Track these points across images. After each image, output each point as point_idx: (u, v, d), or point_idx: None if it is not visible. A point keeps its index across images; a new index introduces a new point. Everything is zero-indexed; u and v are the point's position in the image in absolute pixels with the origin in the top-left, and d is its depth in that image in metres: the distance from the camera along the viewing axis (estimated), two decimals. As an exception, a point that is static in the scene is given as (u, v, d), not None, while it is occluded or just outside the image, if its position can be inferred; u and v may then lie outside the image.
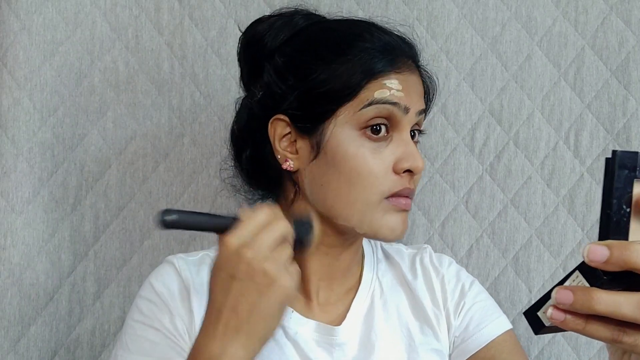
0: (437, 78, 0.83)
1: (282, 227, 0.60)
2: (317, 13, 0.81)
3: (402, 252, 0.86)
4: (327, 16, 0.82)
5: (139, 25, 1.04)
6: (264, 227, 0.59)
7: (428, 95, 0.81)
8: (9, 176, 1.00)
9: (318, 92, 0.72)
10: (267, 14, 0.84)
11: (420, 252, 0.85)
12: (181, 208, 0.60)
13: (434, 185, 1.02)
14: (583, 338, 0.98)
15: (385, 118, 0.72)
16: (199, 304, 0.73)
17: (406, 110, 0.72)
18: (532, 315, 0.47)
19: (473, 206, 1.01)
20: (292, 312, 0.76)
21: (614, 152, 0.44)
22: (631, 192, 0.44)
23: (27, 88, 1.02)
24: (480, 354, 0.78)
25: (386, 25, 0.79)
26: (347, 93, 0.71)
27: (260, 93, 0.77)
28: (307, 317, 0.76)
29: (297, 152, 0.74)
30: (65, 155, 1.02)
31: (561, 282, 0.46)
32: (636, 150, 0.44)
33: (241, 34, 0.83)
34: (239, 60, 0.83)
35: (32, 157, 1.01)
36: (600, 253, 0.42)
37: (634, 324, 0.42)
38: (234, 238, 0.58)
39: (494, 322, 0.79)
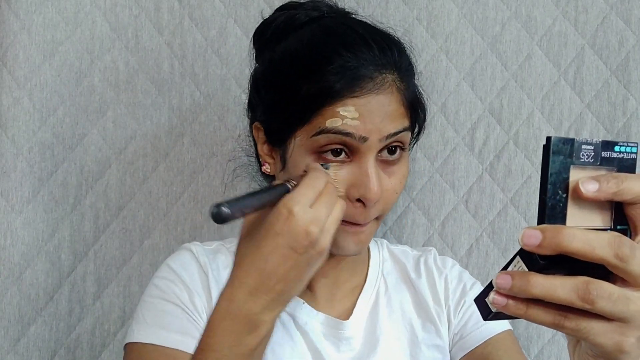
0: (430, 82, 0.79)
1: (334, 195, 0.61)
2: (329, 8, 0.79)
3: (407, 253, 0.88)
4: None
5: (138, 25, 1.04)
6: (320, 197, 0.59)
7: (414, 109, 0.75)
8: (9, 176, 1.00)
9: (280, 109, 0.72)
10: (267, 14, 0.84)
11: (425, 254, 0.87)
12: (232, 196, 0.57)
13: (433, 185, 1.02)
14: (583, 337, 0.98)
15: (341, 144, 0.69)
16: (217, 289, 0.74)
17: (362, 139, 0.67)
18: (481, 302, 0.47)
19: (473, 206, 1.01)
20: (304, 303, 0.78)
21: (548, 138, 0.44)
22: (567, 178, 0.44)
23: (27, 88, 1.02)
24: (477, 350, 0.79)
25: (379, 23, 0.76)
26: (300, 117, 0.69)
27: (247, 95, 0.80)
28: (316, 309, 0.78)
29: (273, 159, 0.76)
30: (65, 155, 1.02)
31: (505, 268, 0.46)
32: (573, 137, 0.45)
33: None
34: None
35: (32, 157, 1.01)
36: (534, 237, 0.42)
37: (577, 309, 0.42)
38: (303, 211, 0.57)
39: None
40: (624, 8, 1.01)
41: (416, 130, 0.79)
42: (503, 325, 0.81)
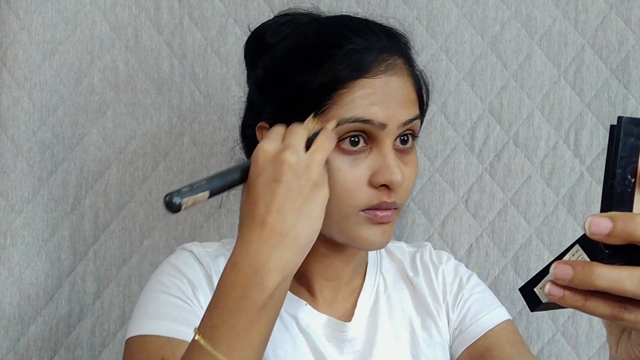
0: (430, 81, 0.80)
1: (302, 131, 0.61)
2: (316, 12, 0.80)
3: (403, 250, 0.88)
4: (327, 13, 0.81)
5: (138, 25, 1.04)
6: (289, 134, 0.60)
7: (422, 98, 0.76)
8: (9, 176, 1.00)
9: (291, 104, 0.71)
10: (267, 14, 0.84)
11: (420, 250, 0.87)
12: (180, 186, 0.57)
13: (433, 185, 1.02)
14: (583, 337, 0.98)
15: (361, 131, 0.68)
16: None
17: (382, 126, 0.67)
18: (528, 292, 0.45)
19: (473, 205, 1.01)
20: (306, 304, 0.77)
21: (619, 118, 0.41)
22: (637, 161, 0.41)
23: (26, 87, 1.01)
24: (478, 343, 0.78)
25: (379, 20, 0.76)
26: (316, 107, 0.68)
27: (247, 100, 0.79)
28: (318, 311, 0.77)
29: None
30: (64, 155, 1.02)
31: (560, 257, 0.43)
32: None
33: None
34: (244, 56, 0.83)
35: (31, 157, 1.01)
36: (603, 225, 0.39)
37: (636, 300, 0.41)
38: (270, 144, 0.58)
39: (490, 312, 0.80)
40: (624, 8, 1.01)
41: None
42: (502, 315, 0.80)
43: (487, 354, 0.76)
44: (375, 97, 0.68)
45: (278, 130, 0.63)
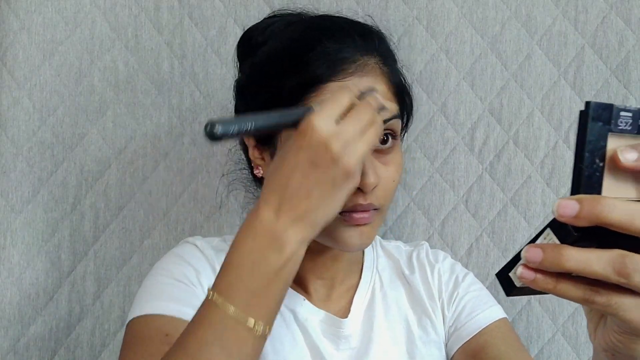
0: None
1: (369, 114, 0.58)
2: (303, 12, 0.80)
3: (400, 248, 0.88)
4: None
5: (138, 25, 1.04)
6: (349, 113, 0.57)
7: (401, 96, 0.75)
8: (9, 176, 1.00)
9: (267, 108, 0.71)
10: (267, 13, 0.84)
11: (417, 249, 0.87)
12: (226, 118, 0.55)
13: (433, 185, 1.02)
14: (583, 337, 0.98)
15: None
16: None
17: None
18: (504, 277, 0.45)
19: (473, 205, 1.01)
20: (304, 299, 0.78)
21: (587, 103, 0.41)
22: (605, 145, 0.41)
23: (26, 87, 1.01)
24: (473, 340, 0.78)
25: (357, 18, 0.76)
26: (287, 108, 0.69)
27: (234, 102, 0.80)
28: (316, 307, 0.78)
29: (264, 160, 0.76)
30: (64, 155, 1.02)
31: (533, 241, 0.43)
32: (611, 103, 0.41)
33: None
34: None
35: (31, 157, 1.01)
36: (570, 207, 0.40)
37: (607, 283, 0.41)
38: (325, 123, 0.55)
39: (485, 310, 0.80)
40: (624, 8, 1.01)
41: (405, 118, 0.79)
42: (498, 313, 0.80)
43: (481, 351, 0.76)
44: None
45: (339, 103, 0.57)
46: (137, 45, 1.04)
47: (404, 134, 0.80)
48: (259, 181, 0.83)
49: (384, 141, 0.71)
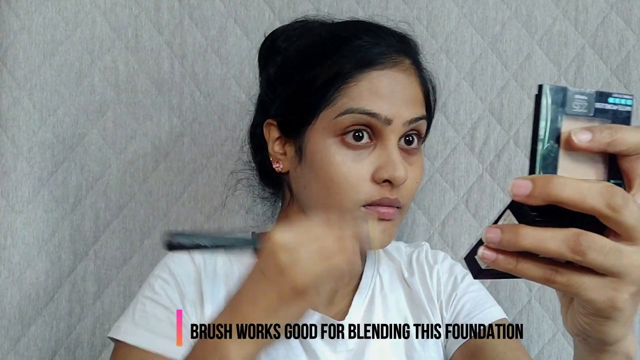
0: (437, 78, 0.82)
1: (340, 243, 0.57)
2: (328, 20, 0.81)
3: (400, 250, 0.88)
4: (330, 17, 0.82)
5: (138, 25, 1.04)
6: (317, 235, 0.57)
7: (429, 100, 0.78)
8: (9, 176, 1.00)
9: (299, 99, 0.73)
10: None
11: (417, 250, 0.87)
12: (186, 229, 0.60)
13: (434, 185, 1.02)
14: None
15: (365, 125, 0.70)
16: (210, 289, 0.75)
17: (387, 121, 0.69)
18: (470, 260, 0.45)
19: (473, 205, 1.01)
20: None
21: (540, 86, 0.42)
22: (560, 127, 0.42)
23: (27, 87, 1.02)
24: (470, 341, 0.78)
25: (386, 23, 0.78)
26: (323, 98, 0.70)
27: (257, 100, 0.81)
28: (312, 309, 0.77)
29: (286, 155, 0.76)
30: (65, 155, 1.02)
31: (495, 223, 0.44)
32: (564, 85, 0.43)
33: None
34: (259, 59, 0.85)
35: (32, 157, 1.01)
36: (524, 187, 0.40)
37: (568, 264, 0.41)
38: (281, 235, 0.56)
39: (484, 311, 0.80)
40: (624, 8, 1.01)
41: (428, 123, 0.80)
42: (497, 314, 0.80)
43: (479, 352, 0.76)
44: (382, 91, 0.69)
45: (308, 228, 0.58)
46: (137, 45, 1.04)
47: (424, 139, 0.80)
48: (264, 183, 0.84)
49: (409, 142, 0.73)
